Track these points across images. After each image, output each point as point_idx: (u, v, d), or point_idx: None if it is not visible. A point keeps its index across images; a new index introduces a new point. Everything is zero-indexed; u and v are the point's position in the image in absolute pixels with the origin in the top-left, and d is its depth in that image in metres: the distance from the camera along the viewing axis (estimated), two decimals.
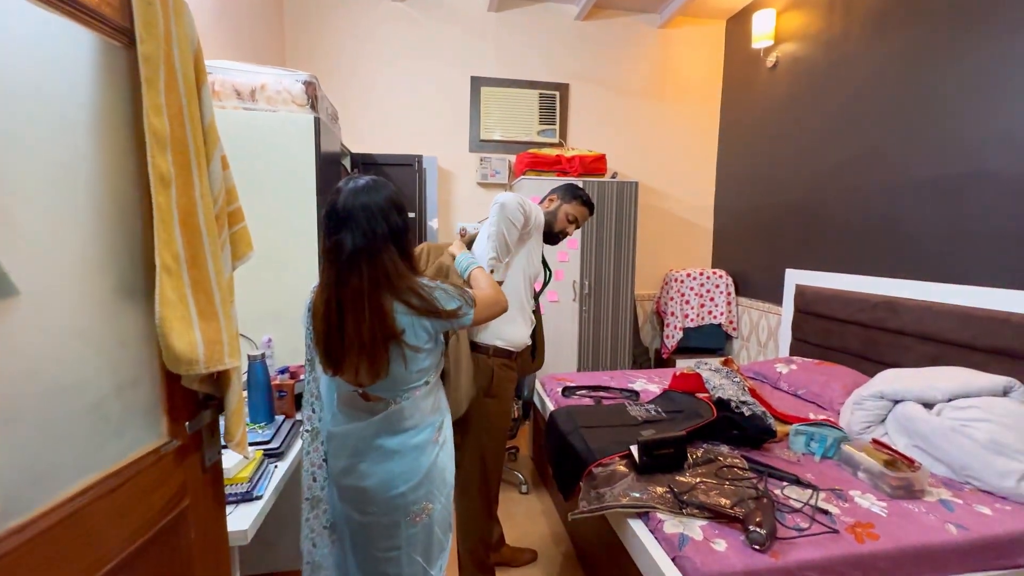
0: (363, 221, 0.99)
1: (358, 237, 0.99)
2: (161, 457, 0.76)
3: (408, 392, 1.08)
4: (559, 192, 1.78)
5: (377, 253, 0.99)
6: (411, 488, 1.08)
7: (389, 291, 1.00)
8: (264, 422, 1.38)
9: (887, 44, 2.33)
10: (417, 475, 1.09)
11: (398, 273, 1.01)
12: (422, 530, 1.11)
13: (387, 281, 0.99)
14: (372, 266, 0.99)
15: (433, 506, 1.12)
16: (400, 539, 1.10)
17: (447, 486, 1.17)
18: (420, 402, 1.10)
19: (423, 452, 1.10)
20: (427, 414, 1.12)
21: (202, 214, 0.79)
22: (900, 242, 2.28)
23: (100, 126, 0.67)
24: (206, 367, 0.75)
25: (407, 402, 1.08)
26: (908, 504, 1.38)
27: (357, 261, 0.98)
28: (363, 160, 2.84)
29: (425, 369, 1.09)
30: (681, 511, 1.31)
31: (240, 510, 1.05)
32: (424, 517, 1.11)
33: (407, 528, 1.10)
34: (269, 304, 1.85)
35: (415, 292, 1.01)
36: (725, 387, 1.89)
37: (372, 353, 0.98)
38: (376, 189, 1.04)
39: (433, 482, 1.12)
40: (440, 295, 1.05)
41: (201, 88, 0.82)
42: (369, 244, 0.99)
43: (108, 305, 0.68)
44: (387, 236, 1.01)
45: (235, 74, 1.81)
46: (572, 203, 1.76)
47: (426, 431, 1.11)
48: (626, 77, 3.51)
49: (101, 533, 0.64)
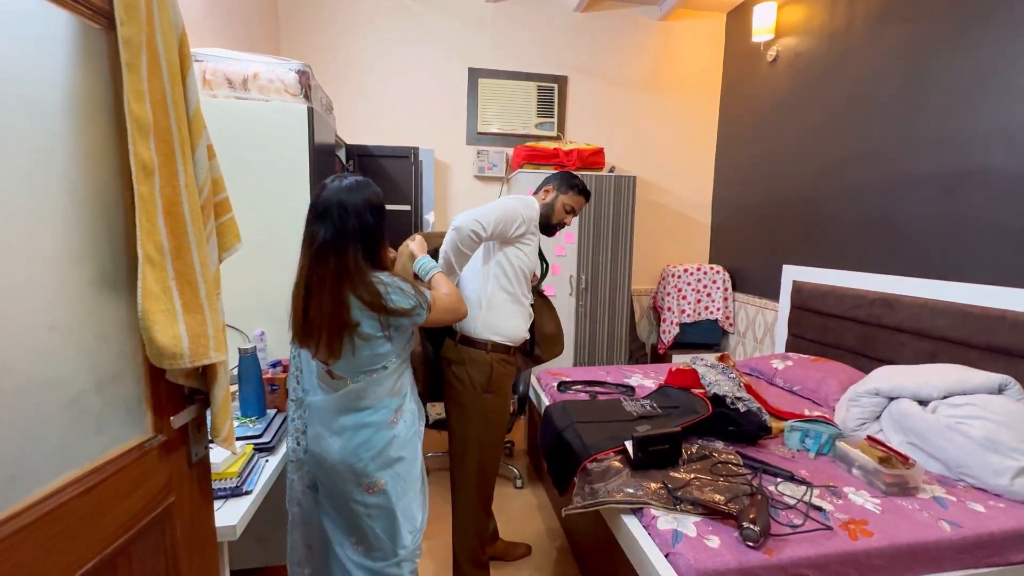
0: (336, 217, 1.10)
1: (329, 231, 1.10)
2: (145, 453, 0.75)
3: (364, 375, 1.18)
4: (554, 182, 1.74)
5: (343, 248, 1.10)
6: (361, 461, 1.18)
7: (347, 284, 1.10)
8: (255, 416, 1.37)
9: (889, 39, 2.31)
10: (368, 450, 1.18)
11: (357, 269, 1.10)
12: (378, 505, 1.20)
13: (346, 275, 1.09)
14: (337, 259, 1.09)
15: (385, 483, 1.20)
16: (358, 506, 1.20)
17: (405, 470, 1.24)
18: (376, 385, 1.19)
19: (376, 430, 1.19)
20: (383, 396, 1.21)
21: (187, 204, 0.77)
22: (898, 239, 2.27)
23: (78, 112, 0.65)
24: (191, 361, 0.73)
25: (362, 383, 1.17)
26: (902, 501, 1.37)
27: (325, 252, 1.10)
28: (358, 152, 2.81)
29: (382, 355, 1.18)
30: (675, 507, 1.30)
31: (229, 505, 1.03)
32: (377, 491, 1.20)
33: (361, 495, 1.19)
34: (261, 297, 1.83)
35: (368, 288, 1.10)
36: (721, 383, 1.89)
37: (328, 336, 1.10)
38: (357, 190, 1.14)
39: (385, 460, 1.20)
40: (396, 294, 1.13)
41: (186, 75, 0.80)
42: (337, 239, 1.10)
43: (87, 298, 0.66)
44: (356, 234, 1.11)
45: (227, 62, 1.77)
46: (568, 193, 1.72)
47: (381, 411, 1.20)
48: (625, 70, 3.48)
49: (80, 531, 0.63)
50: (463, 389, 1.58)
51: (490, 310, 1.60)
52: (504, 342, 1.61)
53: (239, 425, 1.32)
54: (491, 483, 1.72)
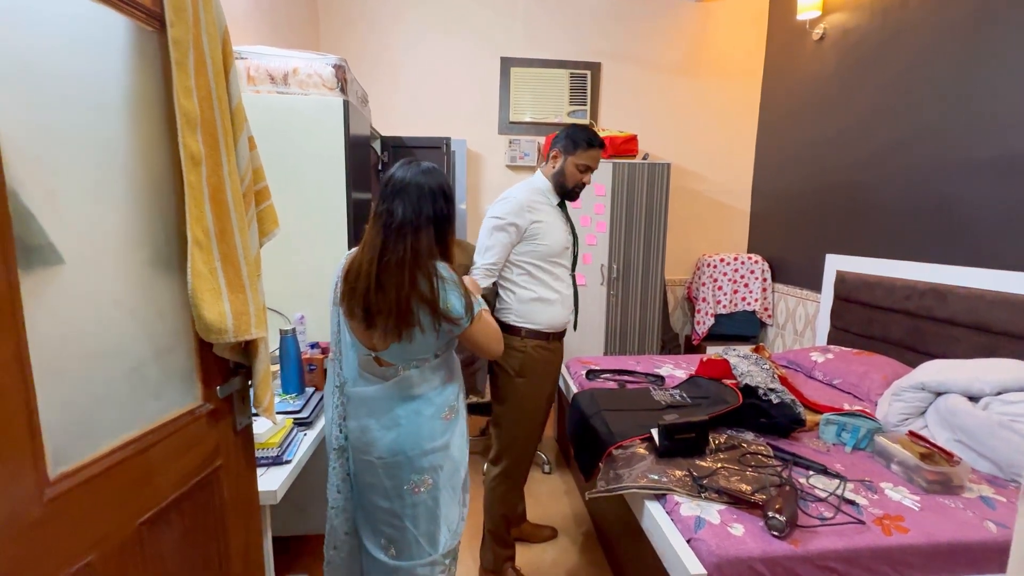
0: (415, 197, 1.08)
1: (408, 210, 1.07)
2: (196, 418, 0.82)
3: (417, 361, 1.14)
4: (560, 145, 1.61)
5: (419, 230, 1.07)
6: (414, 456, 1.13)
7: (420, 268, 1.06)
8: (295, 393, 1.45)
9: (948, 12, 2.15)
10: (420, 446, 1.13)
11: (430, 253, 1.08)
12: (423, 504, 1.15)
13: (420, 258, 1.06)
14: (415, 240, 1.06)
15: (434, 483, 1.15)
16: (400, 506, 1.15)
17: (455, 469, 1.20)
18: (428, 372, 1.16)
19: (431, 427, 1.15)
20: (437, 385, 1.17)
21: (230, 192, 0.83)
22: (953, 226, 2.13)
23: (134, 108, 0.72)
24: (234, 336, 0.80)
25: (415, 370, 1.14)
26: (944, 499, 1.31)
27: (403, 232, 1.06)
28: (392, 143, 2.88)
29: (432, 344, 1.14)
30: (699, 495, 1.30)
31: (271, 473, 1.11)
32: (423, 490, 1.14)
33: (408, 496, 1.14)
34: (301, 282, 1.93)
35: (429, 281, 1.06)
36: (753, 374, 1.84)
37: (396, 318, 1.04)
38: (432, 173, 1.12)
39: (437, 459, 1.15)
40: (451, 293, 1.08)
41: (228, 71, 0.86)
42: (415, 219, 1.07)
43: (144, 277, 0.73)
44: (430, 218, 1.09)
45: (269, 59, 1.86)
46: (576, 152, 1.59)
47: (435, 404, 1.16)
48: (661, 54, 3.39)
49: (142, 484, 0.70)
50: (500, 373, 1.63)
51: (520, 303, 1.62)
52: (540, 328, 1.63)
53: (280, 401, 1.41)
54: (523, 468, 1.76)
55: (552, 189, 1.66)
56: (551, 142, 1.64)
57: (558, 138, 1.61)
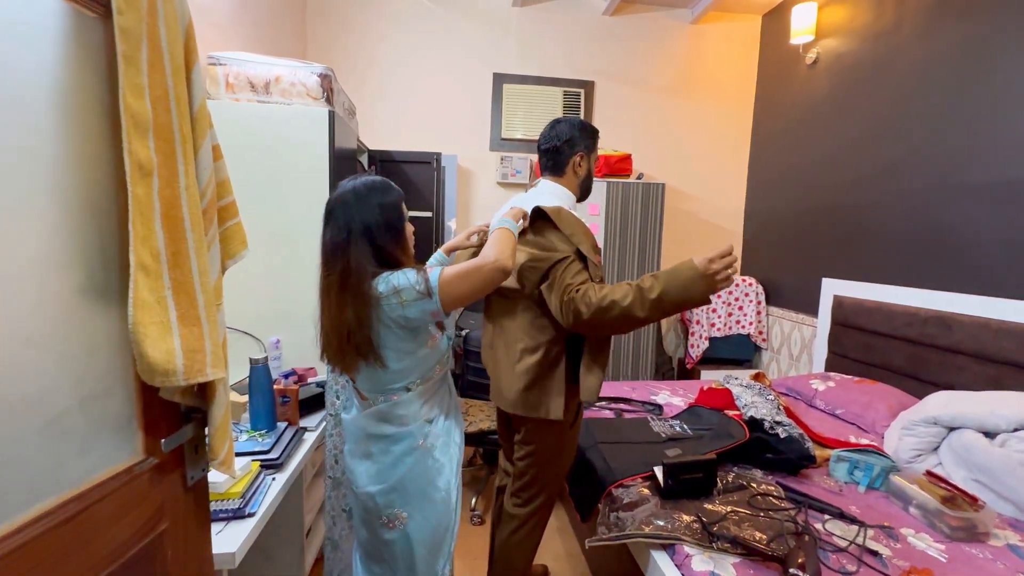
0: (340, 216, 1.03)
1: (335, 232, 1.03)
2: (135, 477, 0.69)
3: (386, 395, 1.08)
4: (583, 146, 1.39)
5: (347, 248, 1.01)
6: (379, 492, 1.09)
7: (350, 290, 1.00)
8: (265, 429, 1.31)
9: (942, 38, 2.15)
10: (387, 480, 1.09)
11: (361, 272, 1.00)
12: (400, 541, 1.10)
13: (349, 279, 1.00)
14: (345, 260, 1.01)
15: (408, 517, 1.09)
16: (380, 541, 1.12)
17: (431, 502, 1.10)
18: (398, 409, 1.09)
19: (399, 460, 1.09)
20: (408, 422, 1.09)
21: (187, 208, 0.71)
22: (954, 252, 2.09)
23: (68, 106, 0.60)
24: (185, 379, 0.67)
25: (384, 406, 1.08)
26: (971, 548, 1.22)
27: (334, 256, 1.03)
28: (380, 157, 2.78)
29: (401, 373, 1.06)
30: (711, 545, 1.19)
31: (230, 529, 0.97)
32: (398, 524, 1.10)
33: (382, 531, 1.10)
34: (278, 304, 1.79)
35: (361, 297, 1.00)
36: (758, 405, 1.75)
37: (338, 346, 1.02)
38: (362, 183, 1.06)
39: (407, 492, 1.09)
40: (404, 291, 1.00)
41: (191, 69, 0.75)
42: (344, 239, 1.02)
43: (73, 307, 0.60)
44: (364, 231, 1.02)
45: (249, 66, 1.75)
46: (596, 147, 1.44)
47: (406, 440, 1.09)
48: (654, 75, 3.38)
49: (59, 566, 0.57)
50: (552, 427, 1.42)
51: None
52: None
53: (247, 439, 1.27)
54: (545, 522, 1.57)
55: (575, 201, 1.46)
56: (557, 149, 1.39)
57: (573, 139, 1.37)
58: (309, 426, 1.47)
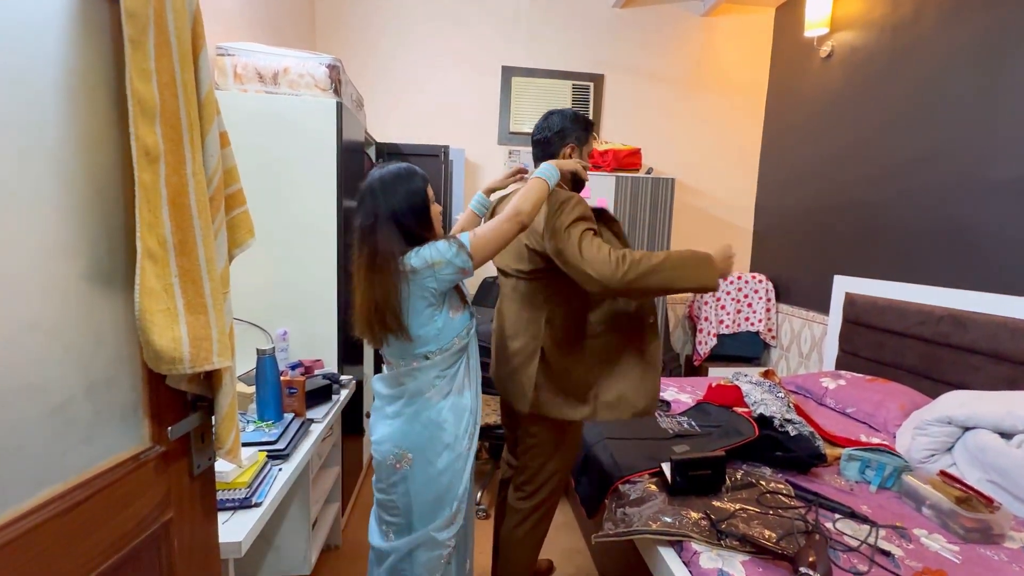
0: (368, 201, 1.10)
1: (363, 215, 1.10)
2: (140, 465, 0.68)
3: (407, 361, 1.15)
4: (573, 137, 1.36)
5: (375, 231, 1.08)
6: (391, 439, 1.16)
7: (378, 272, 1.07)
8: (272, 420, 1.31)
9: (963, 29, 2.10)
10: (400, 433, 1.15)
11: (390, 252, 1.07)
12: (402, 484, 1.15)
13: (376, 258, 1.07)
14: (373, 241, 1.08)
15: (413, 460, 1.15)
16: (388, 486, 1.18)
17: (437, 457, 1.16)
18: (417, 373, 1.14)
19: (413, 418, 1.15)
20: (424, 388, 1.15)
21: (194, 195, 0.70)
22: (970, 249, 2.05)
23: (75, 90, 0.59)
24: (191, 367, 0.67)
25: (405, 370, 1.15)
26: (985, 550, 1.20)
27: (363, 238, 1.10)
28: (388, 150, 2.77)
29: (422, 339, 1.12)
30: (719, 542, 1.17)
31: (236, 519, 0.97)
32: (404, 465, 1.15)
33: (390, 474, 1.16)
34: (286, 294, 1.79)
35: (388, 277, 1.06)
36: (768, 402, 1.73)
37: (366, 322, 1.09)
38: (390, 169, 1.13)
39: (415, 442, 1.15)
40: (438, 259, 1.07)
41: (198, 55, 0.74)
42: (372, 221, 1.09)
43: (79, 295, 0.60)
44: (390, 214, 1.08)
45: (258, 56, 1.75)
46: (588, 141, 1.41)
47: (419, 402, 1.15)
48: (665, 68, 3.33)
49: (62, 554, 0.57)
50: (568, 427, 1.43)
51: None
52: None
53: (254, 429, 1.27)
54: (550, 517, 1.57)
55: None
56: (549, 140, 1.37)
57: (565, 130, 1.36)
58: (316, 417, 1.47)
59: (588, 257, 1.17)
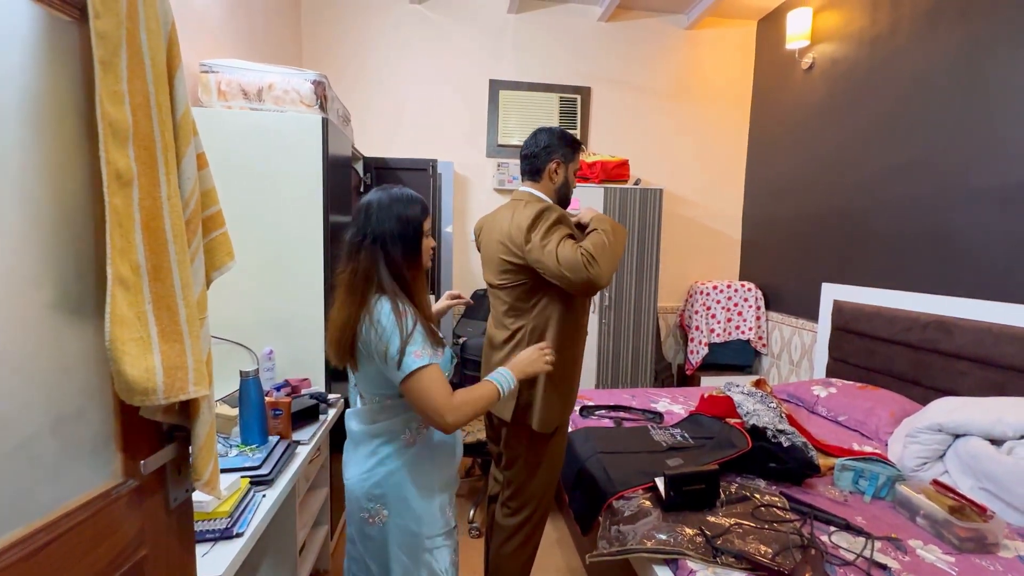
0: (362, 217, 1.06)
1: (356, 229, 1.07)
2: (112, 501, 0.65)
3: (380, 397, 1.08)
4: (559, 154, 1.41)
5: (359, 250, 1.05)
6: (363, 486, 1.09)
7: (351, 292, 1.04)
8: (256, 444, 1.28)
9: (940, 40, 2.15)
10: (371, 478, 1.08)
11: (367, 278, 1.03)
12: (378, 537, 1.09)
13: (355, 279, 1.04)
14: (356, 260, 1.05)
15: (388, 516, 1.08)
16: (360, 532, 1.11)
17: (409, 509, 1.08)
18: (388, 411, 1.08)
19: (383, 461, 1.08)
20: (395, 427, 1.09)
21: (169, 219, 0.68)
22: (954, 256, 2.08)
23: (41, 114, 0.57)
24: (165, 397, 0.64)
25: (377, 406, 1.09)
26: (980, 560, 1.19)
27: (350, 251, 1.06)
28: (376, 165, 2.76)
29: (390, 381, 1.04)
30: (715, 559, 1.16)
31: (217, 551, 0.93)
32: (378, 522, 1.09)
33: (364, 526, 1.10)
34: (272, 312, 1.76)
35: (360, 306, 1.03)
36: (760, 413, 1.73)
37: (333, 339, 1.05)
38: (389, 192, 1.09)
39: (388, 493, 1.08)
40: (389, 335, 0.98)
41: (174, 75, 0.72)
42: (360, 238, 1.05)
43: (45, 324, 0.57)
44: (378, 237, 1.04)
45: (242, 73, 1.73)
46: (575, 158, 1.45)
47: (393, 444, 1.09)
48: (651, 80, 3.37)
49: None
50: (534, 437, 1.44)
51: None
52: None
53: (238, 453, 1.23)
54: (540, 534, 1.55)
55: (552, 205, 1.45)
56: (535, 155, 1.42)
57: (551, 147, 1.41)
58: (302, 439, 1.43)
59: (564, 262, 1.22)
